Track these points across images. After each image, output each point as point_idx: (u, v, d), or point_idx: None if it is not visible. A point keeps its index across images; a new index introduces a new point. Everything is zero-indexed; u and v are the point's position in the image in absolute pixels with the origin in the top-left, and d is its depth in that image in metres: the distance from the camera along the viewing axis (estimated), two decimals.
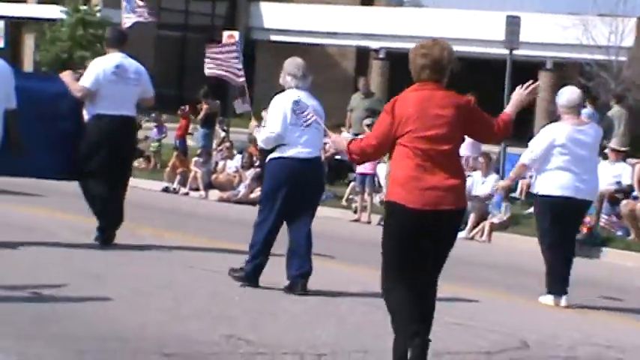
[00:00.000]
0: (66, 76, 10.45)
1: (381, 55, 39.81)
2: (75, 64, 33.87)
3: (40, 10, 40.06)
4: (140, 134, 22.08)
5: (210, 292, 8.37)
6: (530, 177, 11.33)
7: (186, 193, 18.73)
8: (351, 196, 17.39)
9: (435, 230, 6.09)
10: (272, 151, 8.64)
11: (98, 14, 37.98)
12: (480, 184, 15.92)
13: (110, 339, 6.45)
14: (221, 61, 10.94)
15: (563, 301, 9.29)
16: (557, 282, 9.33)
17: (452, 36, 37.08)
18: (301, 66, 8.79)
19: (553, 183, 9.28)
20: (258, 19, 42.86)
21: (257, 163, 18.21)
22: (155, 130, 21.66)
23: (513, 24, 19.23)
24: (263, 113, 10.54)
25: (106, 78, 10.11)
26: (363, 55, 42.50)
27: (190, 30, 44.35)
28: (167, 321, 7.09)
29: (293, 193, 8.53)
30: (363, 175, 16.73)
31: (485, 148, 16.61)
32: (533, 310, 9.15)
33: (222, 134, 21.32)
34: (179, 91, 38.89)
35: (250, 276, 8.64)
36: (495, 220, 15.10)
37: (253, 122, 9.33)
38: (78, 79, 10.27)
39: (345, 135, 18.40)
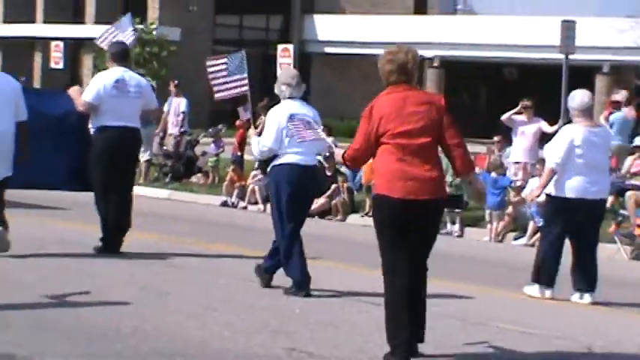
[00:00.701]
0: (73, 91, 10.95)
1: (435, 64, 39.68)
2: None
3: (98, 30, 40.36)
4: (198, 150, 22.33)
5: (270, 305, 8.41)
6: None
7: (245, 207, 18.81)
8: None
9: (418, 218, 6.63)
10: (271, 159, 9.03)
11: (154, 32, 38.34)
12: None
13: (174, 355, 6.51)
14: (223, 80, 11.16)
15: (549, 292, 9.67)
16: (547, 275, 9.69)
17: (507, 42, 36.97)
18: (295, 75, 9.26)
19: (566, 185, 9.57)
20: (312, 31, 42.98)
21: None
22: (213, 145, 21.82)
23: (569, 28, 19.12)
24: (260, 119, 10.66)
25: (106, 92, 10.52)
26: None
27: (245, 45, 44.60)
28: (228, 336, 7.14)
29: (293, 197, 8.92)
30: None
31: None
32: (593, 314, 9.07)
33: None
34: (234, 105, 39.13)
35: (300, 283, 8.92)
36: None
37: (252, 131, 9.65)
38: (82, 94, 10.71)
39: None
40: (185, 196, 19.69)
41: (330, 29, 42.44)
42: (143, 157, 21.62)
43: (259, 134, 9.21)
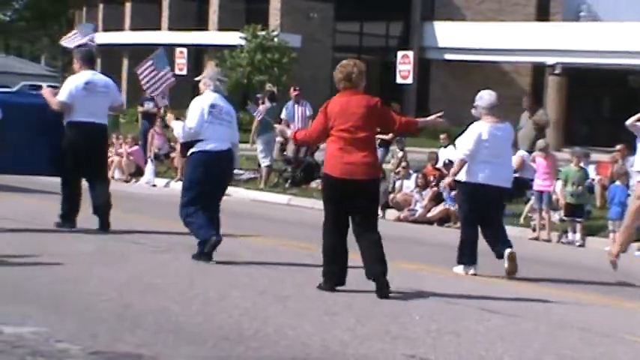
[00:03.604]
0: (45, 93, 12.59)
1: (557, 71, 39.13)
2: (254, 89, 34.72)
3: (221, 37, 41.16)
4: (318, 156, 22.44)
5: (391, 311, 8.41)
6: None
7: None
8: (529, 214, 17.16)
9: (353, 193, 8.81)
10: (192, 145, 10.32)
11: (275, 39, 38.70)
12: None
13: (295, 359, 6.56)
14: (155, 77, 13.09)
15: (472, 270, 10.84)
16: (469, 254, 10.88)
17: (631, 49, 36.19)
18: (220, 73, 11.13)
19: (474, 173, 10.88)
20: (432, 38, 42.84)
21: (433, 183, 18.21)
22: None
23: None
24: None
25: (78, 92, 11.92)
26: (539, 72, 41.89)
27: (365, 51, 44.74)
28: (348, 341, 7.16)
29: (210, 179, 10.24)
30: (540, 192, 16.48)
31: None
32: None
33: (400, 154, 21.39)
34: None
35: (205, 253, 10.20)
36: None
37: (170, 116, 11.36)
38: (55, 95, 12.18)
39: (520, 154, 18.19)
40: (304, 201, 19.84)
41: (450, 36, 42.24)
42: (264, 162, 21.89)
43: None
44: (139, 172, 23.31)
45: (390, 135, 21.29)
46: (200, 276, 9.54)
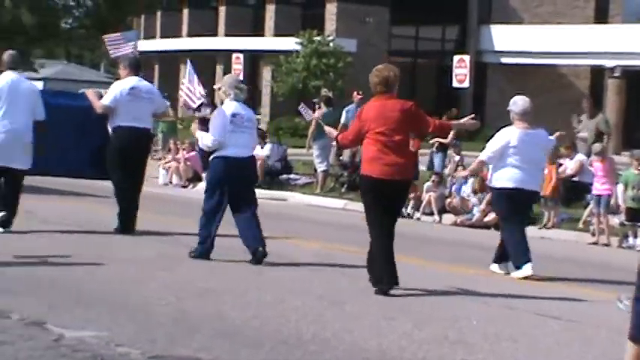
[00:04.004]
0: (89, 94, 12.73)
1: (616, 74, 38.68)
2: (310, 94, 34.79)
3: (277, 42, 41.32)
4: None
5: (447, 316, 8.39)
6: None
7: (418, 218, 18.82)
8: (588, 218, 17.00)
9: (390, 194, 9.18)
10: (214, 150, 10.65)
11: (331, 44, 38.75)
12: None
13: None
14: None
15: (529, 268, 10.78)
16: (520, 251, 10.92)
17: None
18: (237, 80, 11.17)
19: (506, 177, 11.02)
20: (488, 42, 42.59)
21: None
22: None
23: None
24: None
25: (122, 97, 12.19)
26: (598, 74, 41.47)
27: (420, 55, 44.64)
28: (406, 346, 7.15)
29: (230, 183, 10.51)
30: (599, 196, 16.33)
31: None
32: None
33: (457, 158, 21.31)
34: None
35: (203, 253, 10.58)
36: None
37: (195, 126, 11.78)
38: (100, 97, 12.48)
39: (579, 158, 18.04)
40: (360, 206, 19.79)
41: (507, 39, 41.95)
42: (320, 167, 21.92)
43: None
44: (196, 178, 23.48)
45: (449, 138, 21.26)
46: (256, 280, 9.59)
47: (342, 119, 21.82)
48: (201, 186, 22.73)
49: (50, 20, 46.77)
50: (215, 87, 11.49)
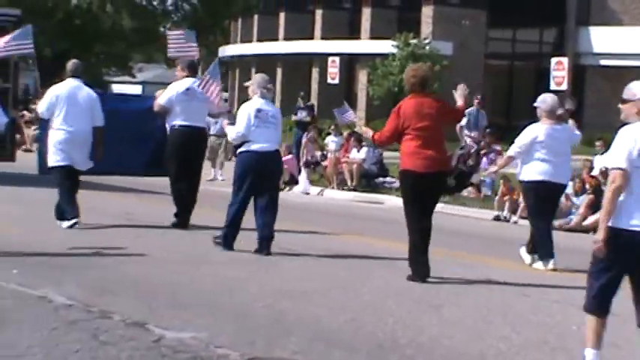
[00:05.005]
0: (159, 94, 13.25)
1: None
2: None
3: (373, 45, 41.30)
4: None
5: (547, 321, 8.29)
6: None
7: (515, 222, 18.57)
8: None
9: (430, 186, 9.78)
10: (241, 145, 11.05)
11: (427, 47, 38.58)
12: None
13: None
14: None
15: (551, 264, 11.33)
16: (545, 246, 11.42)
17: None
18: (266, 80, 11.49)
19: (534, 170, 11.40)
20: (587, 44, 41.95)
21: (589, 190, 17.82)
22: (485, 159, 21.71)
23: None
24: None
25: (178, 98, 12.78)
26: None
27: (517, 58, 44.17)
28: (505, 350, 7.09)
29: (256, 177, 10.88)
30: None
31: None
32: None
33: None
34: (507, 121, 38.79)
35: (227, 242, 11.03)
36: None
37: (225, 122, 12.26)
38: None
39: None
40: (457, 209, 19.70)
41: (606, 41, 41.25)
42: None
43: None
44: (293, 181, 23.60)
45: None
46: (353, 284, 9.60)
47: (463, 121, 21.66)
48: (299, 189, 22.92)
49: (150, 25, 47.56)
50: (245, 84, 11.93)
